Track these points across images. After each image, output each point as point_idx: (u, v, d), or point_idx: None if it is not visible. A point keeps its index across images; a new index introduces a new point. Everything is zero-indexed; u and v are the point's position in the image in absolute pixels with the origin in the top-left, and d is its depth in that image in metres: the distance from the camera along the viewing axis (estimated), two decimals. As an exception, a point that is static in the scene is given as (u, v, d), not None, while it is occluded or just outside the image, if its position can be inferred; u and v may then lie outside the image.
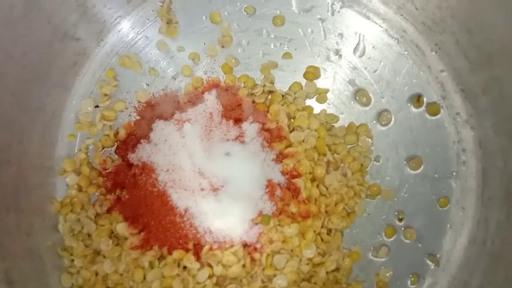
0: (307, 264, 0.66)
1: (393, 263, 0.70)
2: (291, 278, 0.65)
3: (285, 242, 0.66)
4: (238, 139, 0.68)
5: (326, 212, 0.68)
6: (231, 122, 0.69)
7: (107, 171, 0.70)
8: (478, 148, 0.70)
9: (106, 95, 0.72)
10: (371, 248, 0.70)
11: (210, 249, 0.64)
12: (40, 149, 0.69)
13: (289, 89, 0.72)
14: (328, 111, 0.72)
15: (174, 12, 0.74)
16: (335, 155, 0.70)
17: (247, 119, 0.70)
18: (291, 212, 0.67)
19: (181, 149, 0.68)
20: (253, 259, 0.65)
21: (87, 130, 0.72)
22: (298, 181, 0.67)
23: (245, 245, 0.65)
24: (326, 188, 0.68)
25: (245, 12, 0.73)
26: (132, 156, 0.69)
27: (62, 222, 0.68)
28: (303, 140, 0.70)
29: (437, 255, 0.70)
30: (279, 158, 0.69)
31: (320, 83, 0.73)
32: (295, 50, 0.73)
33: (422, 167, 0.71)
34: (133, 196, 0.68)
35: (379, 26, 0.73)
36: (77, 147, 0.72)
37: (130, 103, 0.72)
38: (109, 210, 0.69)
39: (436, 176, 0.71)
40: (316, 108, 0.72)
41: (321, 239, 0.67)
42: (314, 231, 0.66)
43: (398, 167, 0.71)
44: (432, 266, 0.70)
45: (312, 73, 0.72)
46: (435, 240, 0.70)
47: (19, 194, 0.64)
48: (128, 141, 0.70)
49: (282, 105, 0.71)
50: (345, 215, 0.69)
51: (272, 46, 0.73)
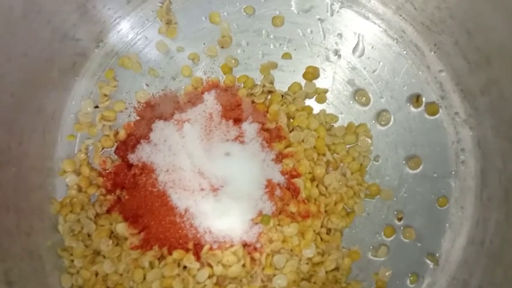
0: (306, 263, 0.66)
1: (392, 263, 0.70)
2: (291, 278, 0.65)
3: (284, 242, 0.66)
4: (237, 139, 0.68)
5: (325, 211, 0.68)
6: (231, 122, 0.69)
7: (107, 171, 0.70)
8: (477, 148, 0.70)
9: (105, 95, 0.72)
10: (371, 248, 0.71)
11: (210, 249, 0.64)
12: (40, 150, 0.69)
13: (288, 89, 0.72)
14: (327, 111, 0.72)
15: (174, 12, 0.74)
16: (335, 154, 0.71)
17: (247, 119, 0.70)
18: (291, 212, 0.67)
19: (181, 149, 0.68)
20: (253, 259, 0.65)
21: (87, 130, 0.72)
22: (298, 181, 0.67)
23: (245, 244, 0.65)
24: (326, 188, 0.69)
25: (244, 13, 0.74)
26: (132, 157, 0.69)
27: (62, 223, 0.68)
28: (303, 140, 0.70)
29: (436, 255, 0.70)
30: (279, 158, 0.69)
31: (319, 83, 0.73)
32: (294, 50, 0.73)
33: (421, 167, 0.71)
34: (133, 196, 0.68)
35: (378, 26, 0.73)
36: (77, 147, 0.72)
37: (129, 103, 0.73)
38: (108, 211, 0.69)
39: (435, 175, 0.71)
40: (316, 108, 0.72)
41: (321, 239, 0.68)
42: (314, 231, 0.67)
43: (397, 166, 0.71)
44: (431, 266, 0.70)
45: (311, 73, 0.72)
46: (434, 239, 0.71)
47: (19, 194, 0.64)
48: (128, 142, 0.70)
49: (282, 105, 0.71)
50: (345, 214, 0.70)
51: (271, 46, 0.73)
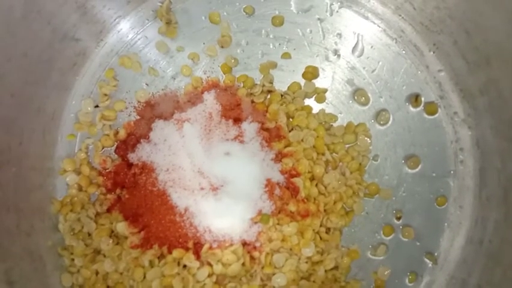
0: (306, 262, 0.66)
1: (391, 262, 0.70)
2: (290, 277, 0.65)
3: (284, 241, 0.66)
4: (237, 139, 0.69)
5: (324, 210, 0.68)
6: (230, 122, 0.69)
7: (107, 170, 0.70)
8: (476, 147, 0.70)
9: (105, 95, 0.72)
10: (370, 247, 0.71)
11: (210, 248, 0.64)
12: (40, 149, 0.69)
13: (288, 88, 0.72)
14: (327, 111, 0.72)
15: (173, 12, 0.74)
16: (334, 154, 0.71)
17: (247, 118, 0.70)
18: (290, 211, 0.67)
19: (181, 149, 0.68)
20: (252, 258, 0.65)
21: (87, 130, 0.72)
22: (297, 180, 0.67)
23: (244, 243, 0.65)
24: (325, 187, 0.69)
25: (244, 13, 0.74)
26: (132, 156, 0.69)
27: (63, 222, 0.68)
28: (302, 140, 0.70)
29: (435, 254, 0.71)
30: (278, 157, 0.69)
31: (319, 82, 0.73)
32: (294, 50, 0.73)
33: (420, 166, 0.71)
34: (133, 195, 0.68)
35: (377, 26, 0.73)
36: (77, 147, 0.72)
37: (129, 103, 0.73)
38: (109, 210, 0.69)
39: (434, 175, 0.71)
40: (315, 107, 0.72)
41: (320, 238, 0.68)
42: (313, 230, 0.67)
43: (396, 166, 0.72)
44: (430, 265, 0.71)
45: (310, 73, 0.72)
46: (433, 238, 0.71)
47: (19, 194, 0.65)
48: (128, 141, 0.70)
49: (281, 105, 0.71)
50: (344, 213, 0.70)
51: (271, 46, 0.73)
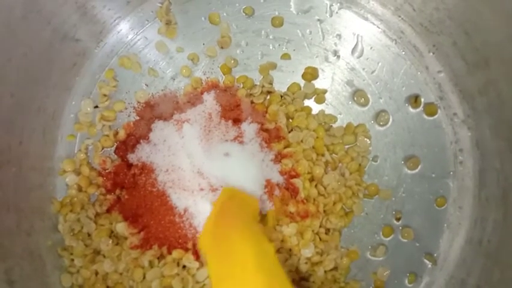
0: (305, 263, 0.66)
1: (390, 262, 0.70)
2: (290, 277, 0.65)
3: (283, 242, 0.66)
4: (237, 139, 0.69)
5: (324, 211, 0.68)
6: (230, 123, 0.69)
7: (107, 171, 0.70)
8: (475, 148, 0.70)
9: (105, 95, 0.72)
10: (369, 247, 0.71)
11: (209, 248, 0.64)
12: (40, 149, 0.69)
13: (287, 89, 0.72)
14: (326, 112, 0.72)
15: (173, 13, 0.74)
16: (333, 155, 0.71)
17: (246, 119, 0.70)
18: (290, 212, 0.67)
19: (180, 149, 0.68)
20: (252, 258, 0.65)
21: (87, 130, 0.72)
22: (297, 181, 0.67)
23: (244, 244, 0.65)
24: (324, 188, 0.69)
25: (244, 13, 0.74)
26: (131, 157, 0.69)
27: (62, 222, 0.68)
28: (302, 140, 0.70)
29: (435, 255, 0.71)
30: (278, 158, 0.69)
31: (318, 83, 0.73)
32: (293, 50, 0.73)
33: (419, 167, 0.72)
34: (133, 196, 0.68)
35: (377, 27, 0.73)
36: (76, 147, 0.72)
37: (129, 103, 0.73)
38: (108, 210, 0.69)
39: (433, 175, 0.71)
40: (315, 108, 0.73)
41: (320, 239, 0.68)
42: (312, 231, 0.67)
43: (396, 167, 0.72)
44: (429, 265, 0.71)
45: (310, 74, 0.72)
46: (432, 239, 0.71)
47: (19, 194, 0.65)
48: (128, 142, 0.70)
49: (281, 106, 0.71)
50: (343, 214, 0.70)
51: (271, 47, 0.73)
